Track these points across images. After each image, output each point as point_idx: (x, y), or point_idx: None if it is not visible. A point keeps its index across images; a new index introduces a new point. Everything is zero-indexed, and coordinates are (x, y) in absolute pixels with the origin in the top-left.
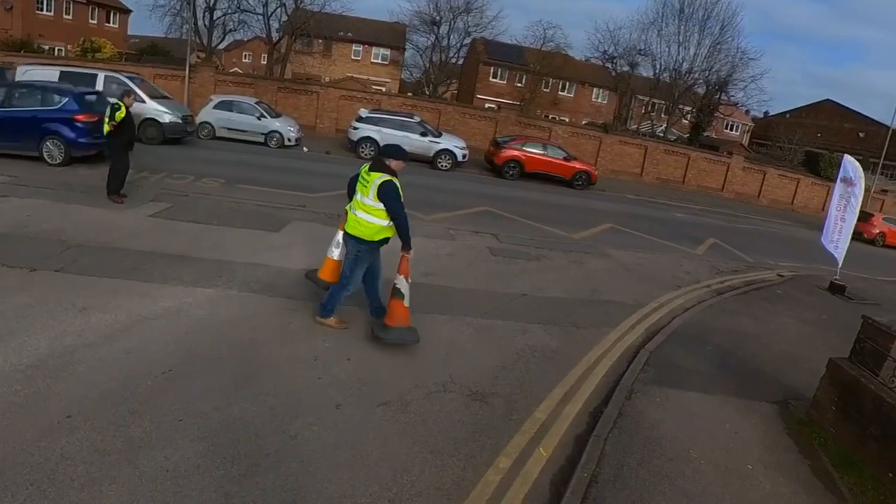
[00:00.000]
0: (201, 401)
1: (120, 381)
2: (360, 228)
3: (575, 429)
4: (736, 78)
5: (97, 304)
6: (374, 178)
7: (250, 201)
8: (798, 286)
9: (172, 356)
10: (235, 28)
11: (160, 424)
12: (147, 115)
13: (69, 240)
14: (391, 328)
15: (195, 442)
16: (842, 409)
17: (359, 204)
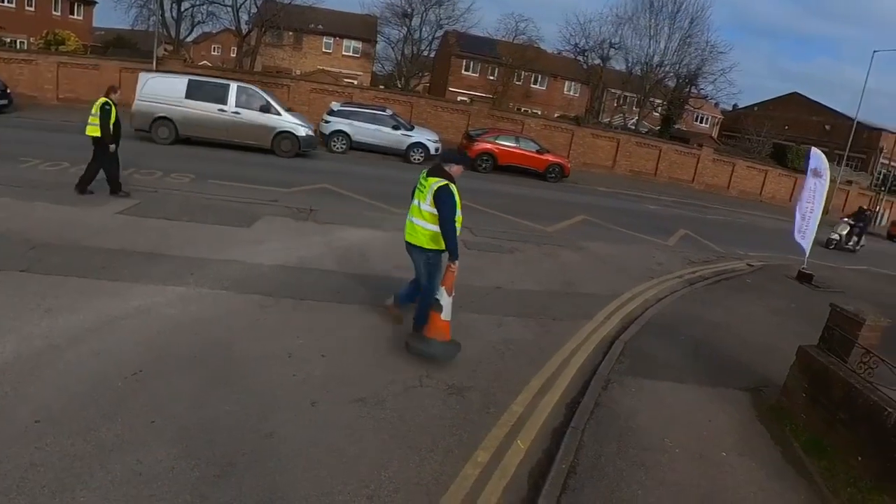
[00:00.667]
0: (174, 401)
1: (90, 383)
2: (417, 236)
3: (552, 421)
4: (706, 71)
5: (65, 305)
6: (431, 182)
7: (221, 197)
8: (767, 276)
9: (143, 356)
10: (204, 20)
11: (132, 427)
12: (283, 128)
13: (35, 238)
14: (430, 340)
15: (169, 444)
16: (811, 396)
17: (415, 210)
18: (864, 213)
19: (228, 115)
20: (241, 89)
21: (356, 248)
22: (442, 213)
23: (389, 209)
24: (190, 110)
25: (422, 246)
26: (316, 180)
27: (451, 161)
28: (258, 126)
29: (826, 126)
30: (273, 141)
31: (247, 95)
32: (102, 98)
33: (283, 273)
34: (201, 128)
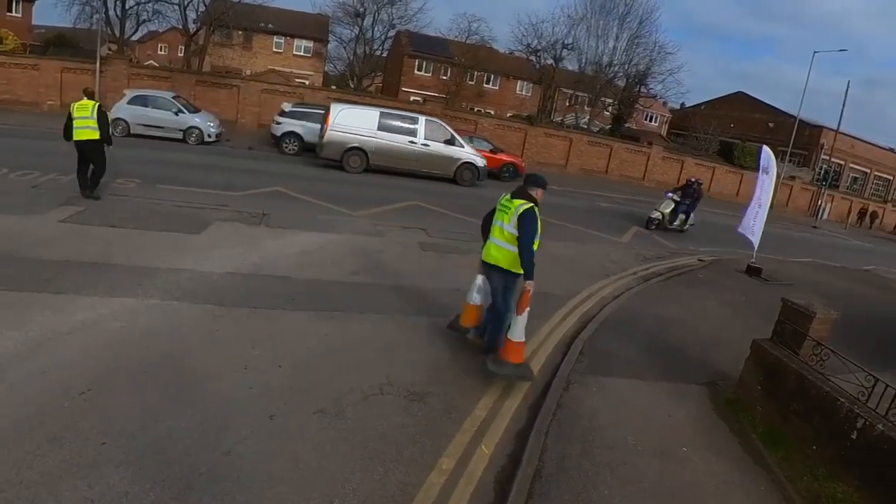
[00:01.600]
0: (125, 420)
1: (35, 405)
2: (497, 257)
3: (516, 424)
4: (654, 71)
5: (5, 321)
6: (516, 204)
7: (169, 202)
8: (718, 270)
9: (92, 374)
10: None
11: (82, 450)
12: (465, 159)
13: None
14: (504, 363)
15: (121, 466)
16: (766, 388)
17: (499, 232)
18: (693, 187)
19: (418, 146)
20: (430, 122)
21: (310, 252)
22: (524, 235)
23: (344, 212)
24: (382, 141)
25: (501, 267)
26: (268, 183)
27: (536, 184)
28: (444, 157)
29: (770, 124)
30: (456, 171)
31: (433, 128)
32: (91, 101)
33: (236, 281)
34: (392, 158)
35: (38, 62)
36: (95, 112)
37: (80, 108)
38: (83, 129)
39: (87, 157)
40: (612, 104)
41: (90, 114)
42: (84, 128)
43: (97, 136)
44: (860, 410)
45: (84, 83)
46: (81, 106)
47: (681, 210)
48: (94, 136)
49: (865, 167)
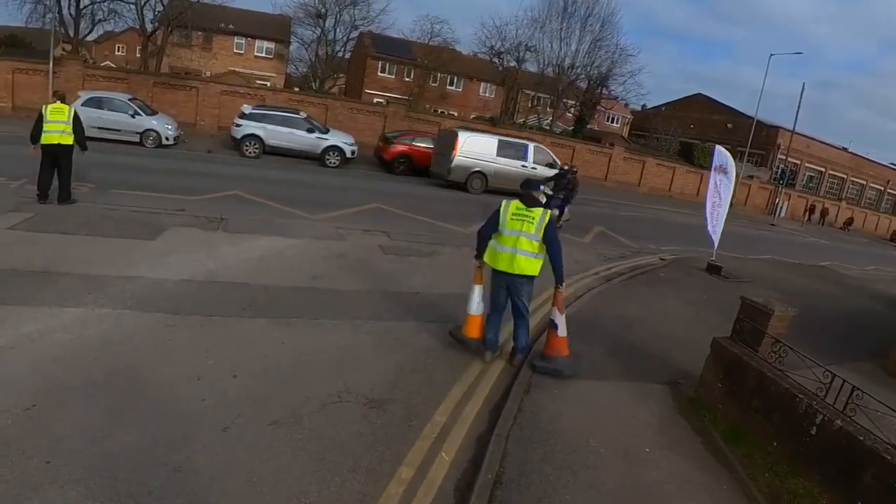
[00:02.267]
0: (72, 437)
1: None
2: (528, 268)
3: (476, 429)
4: (615, 73)
5: None
6: (538, 213)
7: (124, 207)
8: (679, 269)
9: (37, 388)
10: (105, 18)
11: (24, 470)
12: None
13: None
14: (554, 359)
15: (67, 486)
16: (727, 386)
17: (527, 243)
18: (567, 177)
19: (528, 169)
20: (537, 148)
21: (268, 257)
22: (557, 244)
23: (304, 215)
24: (500, 166)
25: (529, 275)
26: (227, 187)
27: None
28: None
29: (728, 124)
30: None
31: (539, 153)
32: (66, 105)
33: (191, 288)
34: (507, 180)
35: None
36: (72, 117)
37: (55, 112)
38: (58, 133)
39: (57, 162)
40: (573, 106)
41: (66, 118)
42: (59, 132)
43: (71, 142)
44: (818, 406)
45: (37, 84)
46: (56, 109)
47: (553, 205)
48: (69, 140)
49: (820, 166)
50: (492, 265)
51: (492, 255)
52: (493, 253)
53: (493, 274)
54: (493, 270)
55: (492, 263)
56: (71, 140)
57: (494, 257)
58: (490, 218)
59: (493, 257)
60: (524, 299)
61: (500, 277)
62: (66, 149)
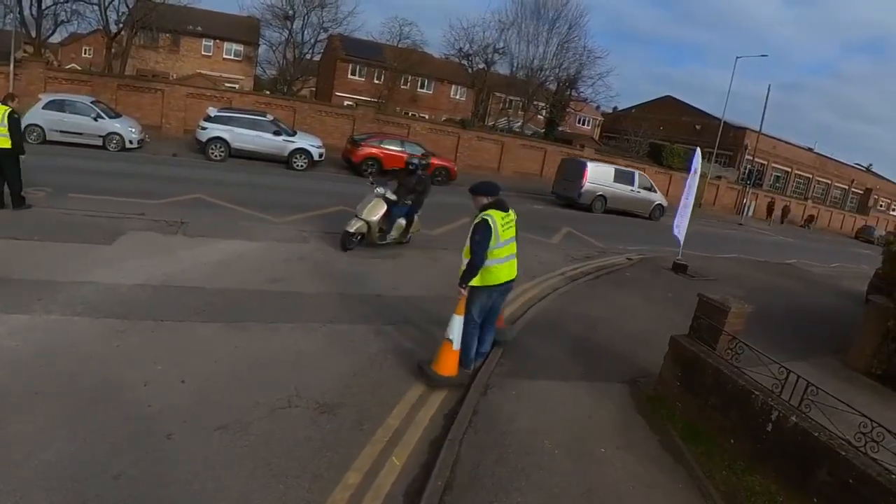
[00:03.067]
0: (8, 448)
1: None
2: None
3: (430, 433)
4: (584, 75)
5: None
6: (513, 215)
7: (81, 212)
8: (645, 268)
9: None
10: (68, 19)
11: None
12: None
13: None
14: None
15: (1, 498)
16: (685, 384)
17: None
18: (416, 175)
19: (634, 193)
20: (640, 175)
21: (227, 261)
22: None
23: (267, 218)
24: (616, 190)
25: None
26: (190, 190)
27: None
28: (647, 201)
29: (697, 126)
30: (651, 211)
31: (642, 179)
32: (3, 106)
33: (144, 293)
34: (620, 202)
35: None
36: (6, 118)
37: None
38: None
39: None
40: (544, 108)
41: (1, 120)
42: None
43: (8, 145)
44: (774, 402)
45: None
46: None
47: (397, 214)
48: (5, 144)
49: (786, 166)
50: (492, 282)
51: (489, 272)
52: (490, 270)
53: (488, 290)
54: (489, 287)
55: (492, 280)
56: (7, 143)
57: (495, 273)
58: (483, 243)
59: (494, 273)
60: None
61: (499, 289)
62: (5, 152)
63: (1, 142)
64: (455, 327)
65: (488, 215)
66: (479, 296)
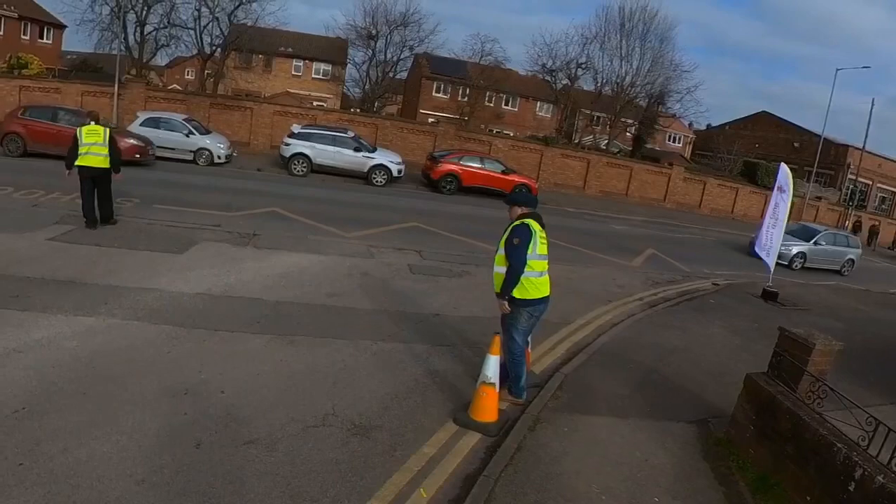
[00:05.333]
0: (49, 442)
1: None
2: None
3: (466, 467)
4: (672, 90)
5: None
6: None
7: (161, 222)
8: (731, 295)
9: (31, 392)
10: (167, 43)
11: None
12: None
13: None
14: None
15: (31, 489)
16: (759, 429)
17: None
18: None
19: None
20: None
21: (290, 274)
22: None
23: (338, 233)
24: None
25: None
26: (267, 204)
27: None
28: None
29: (795, 143)
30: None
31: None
32: (102, 126)
33: (204, 302)
34: None
35: (60, 86)
36: (107, 139)
37: (90, 134)
38: (93, 155)
39: (95, 185)
40: (632, 124)
41: (102, 140)
42: (95, 154)
43: (107, 164)
44: (858, 458)
45: (103, 106)
46: (91, 131)
47: None
48: (105, 164)
49: (894, 187)
50: (535, 295)
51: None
52: (532, 281)
53: (530, 306)
54: (532, 301)
55: (535, 293)
56: (107, 163)
57: (535, 287)
58: (522, 247)
59: (533, 287)
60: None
61: (539, 306)
62: (104, 171)
63: (101, 161)
64: (491, 367)
65: (528, 221)
66: (522, 313)
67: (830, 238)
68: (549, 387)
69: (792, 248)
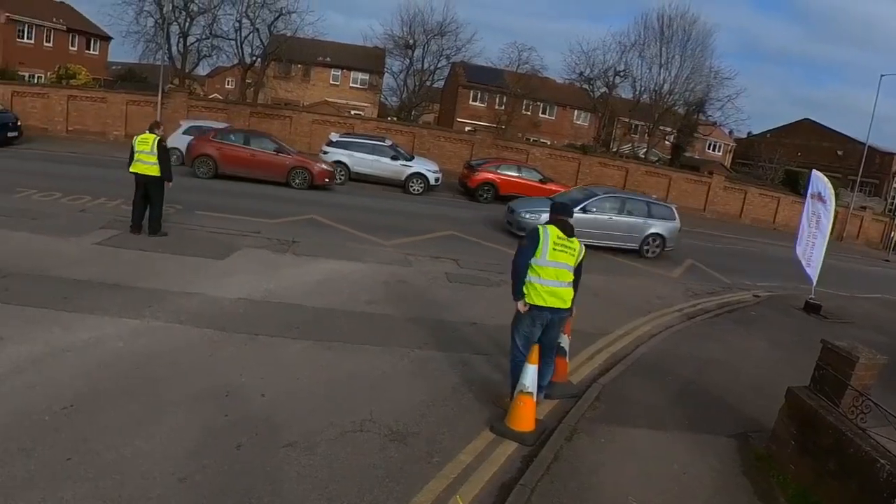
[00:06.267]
0: (95, 439)
1: (17, 415)
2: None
3: (502, 475)
4: (712, 98)
5: (15, 335)
6: (578, 245)
7: (203, 228)
8: (773, 307)
9: (78, 390)
10: (209, 54)
11: (47, 463)
12: None
13: (6, 267)
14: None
15: (78, 483)
16: (801, 444)
17: (565, 273)
18: None
19: None
20: None
21: (328, 281)
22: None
23: (375, 241)
24: None
25: (569, 308)
26: (305, 211)
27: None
28: None
29: (838, 151)
30: None
31: None
32: (152, 135)
33: (245, 307)
34: None
35: (106, 95)
36: (155, 147)
37: (141, 142)
38: (142, 163)
39: (146, 192)
40: (671, 133)
41: (150, 149)
42: (143, 162)
43: (156, 173)
44: None
45: (147, 115)
46: (143, 140)
47: None
48: (153, 171)
49: None
50: (536, 303)
51: (533, 288)
52: (535, 286)
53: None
54: (534, 307)
55: (536, 299)
56: (156, 171)
57: (538, 294)
58: (525, 250)
59: (537, 294)
60: (559, 334)
61: (543, 314)
62: (152, 179)
63: (151, 169)
64: (529, 376)
65: (543, 226)
66: (524, 316)
67: (613, 205)
68: (587, 397)
69: (541, 215)
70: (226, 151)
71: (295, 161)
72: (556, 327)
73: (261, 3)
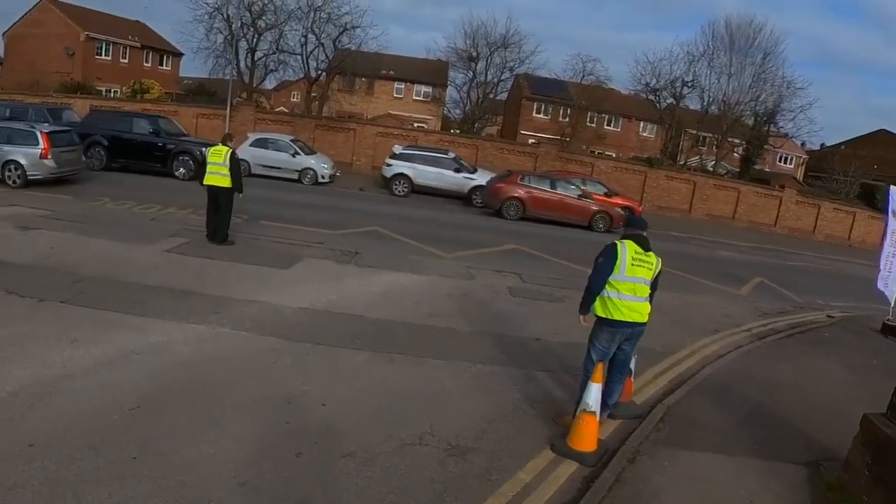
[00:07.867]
0: (161, 440)
1: (89, 414)
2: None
3: (562, 495)
4: (783, 108)
5: (89, 337)
6: (654, 258)
7: (268, 237)
8: (848, 328)
9: (146, 392)
10: (276, 68)
11: (114, 461)
12: None
13: (82, 272)
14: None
15: (143, 482)
16: (875, 474)
17: (642, 289)
18: None
19: None
20: None
21: (390, 292)
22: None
23: (437, 253)
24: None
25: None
26: (369, 223)
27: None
28: None
29: None
30: None
31: None
32: (225, 147)
33: (307, 316)
34: None
35: (178, 108)
36: (228, 159)
37: (214, 154)
38: (214, 174)
39: (216, 203)
40: (740, 145)
41: (222, 160)
42: (215, 174)
43: (228, 184)
44: None
45: (216, 127)
46: (215, 152)
47: None
48: (225, 183)
49: None
50: (616, 316)
51: (612, 303)
52: (614, 301)
53: (611, 327)
54: (613, 322)
55: (616, 313)
56: (227, 182)
57: (616, 308)
58: (603, 266)
59: (615, 308)
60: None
61: (623, 329)
62: (223, 190)
63: (222, 181)
64: (592, 395)
65: (620, 242)
66: (602, 331)
67: None
68: (651, 418)
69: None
70: (534, 195)
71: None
72: (632, 342)
73: (326, 19)
